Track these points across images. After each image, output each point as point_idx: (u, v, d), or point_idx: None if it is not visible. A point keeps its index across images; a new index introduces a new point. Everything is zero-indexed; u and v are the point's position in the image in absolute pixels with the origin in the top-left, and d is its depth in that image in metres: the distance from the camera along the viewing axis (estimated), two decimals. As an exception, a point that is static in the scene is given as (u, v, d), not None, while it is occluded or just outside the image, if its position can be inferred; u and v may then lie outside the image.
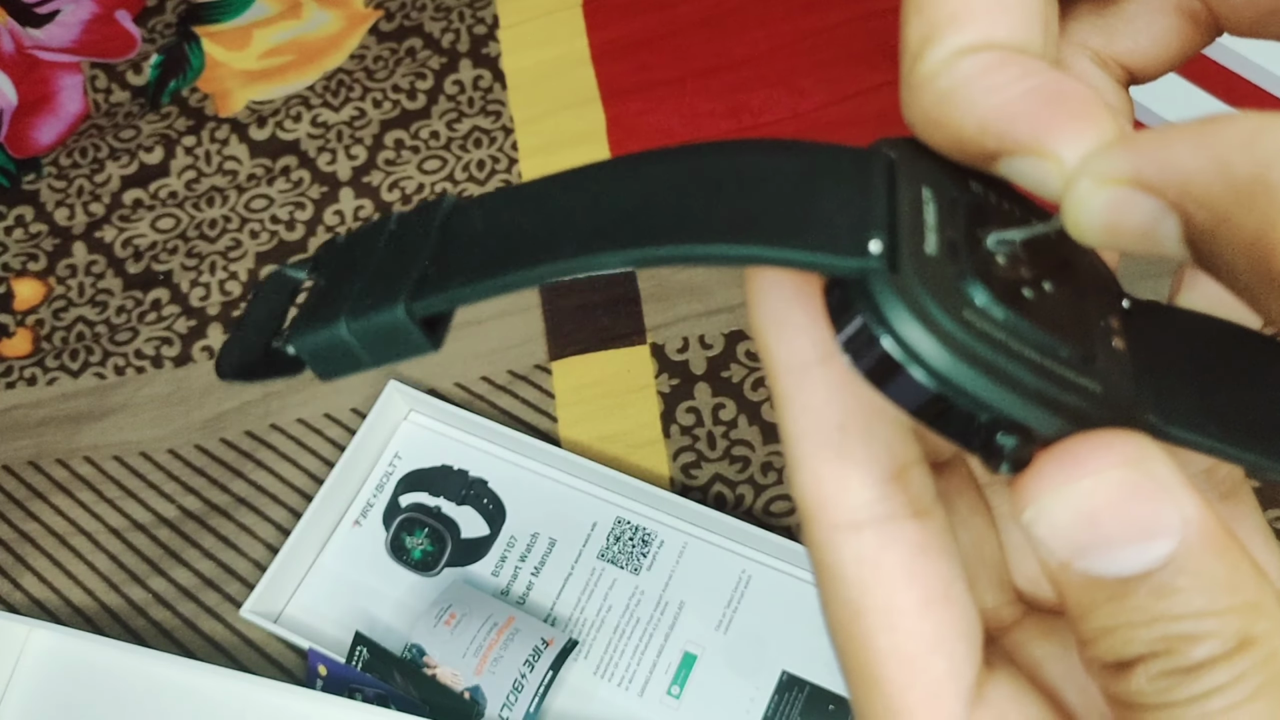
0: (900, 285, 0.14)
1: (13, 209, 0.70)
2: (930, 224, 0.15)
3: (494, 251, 0.16)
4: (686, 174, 0.16)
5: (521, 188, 0.17)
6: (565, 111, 0.67)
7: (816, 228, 0.15)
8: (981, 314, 0.15)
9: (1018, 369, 0.14)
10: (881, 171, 0.16)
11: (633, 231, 0.15)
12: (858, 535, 0.16)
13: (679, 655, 0.49)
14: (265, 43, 0.74)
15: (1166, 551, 0.14)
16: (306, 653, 0.50)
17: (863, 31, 0.67)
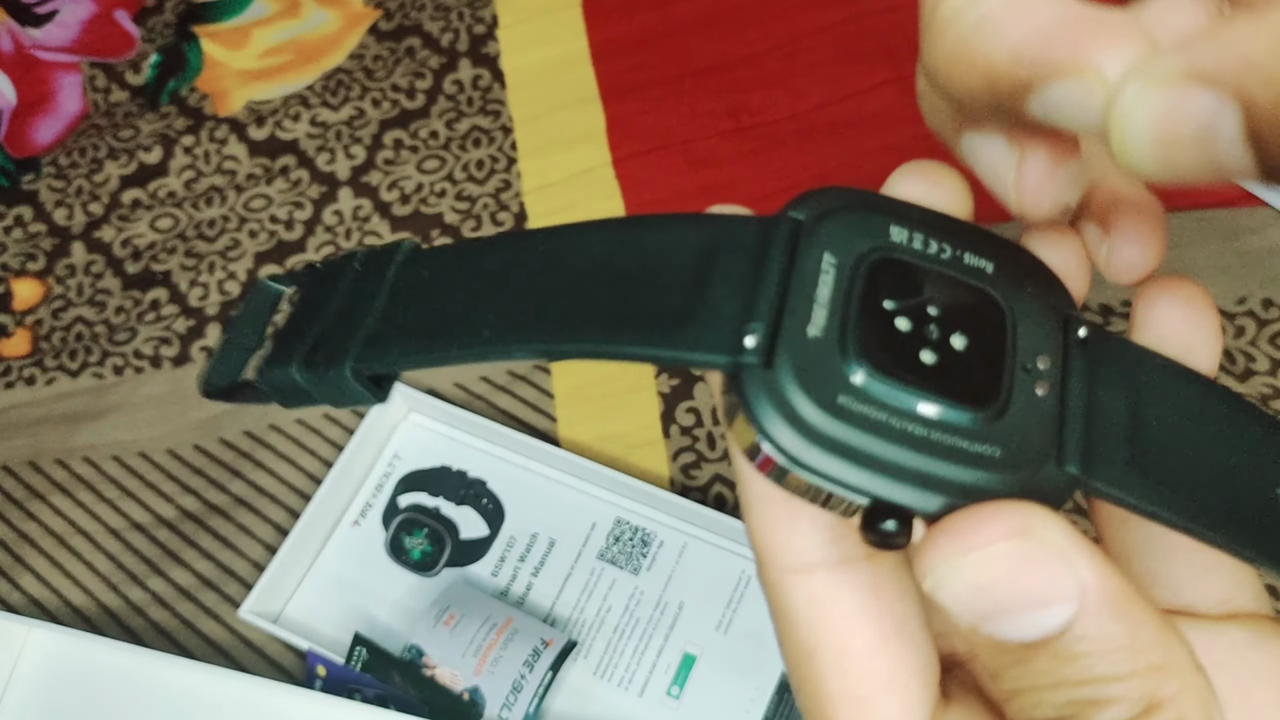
0: (770, 380, 0.14)
1: (11, 209, 0.70)
2: (822, 299, 0.15)
3: (428, 325, 0.17)
4: (596, 258, 0.16)
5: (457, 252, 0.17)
6: (565, 111, 0.67)
7: (699, 322, 0.15)
8: (860, 395, 0.14)
9: (895, 451, 0.14)
10: (783, 242, 0.16)
11: (534, 327, 0.16)
12: (809, 577, 0.16)
13: (679, 656, 0.49)
14: (264, 42, 0.74)
15: (1065, 617, 0.14)
16: (305, 653, 0.50)
17: (861, 31, 0.67)
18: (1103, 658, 0.14)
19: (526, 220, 0.63)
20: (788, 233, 0.16)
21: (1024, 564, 0.14)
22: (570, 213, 0.63)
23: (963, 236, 0.16)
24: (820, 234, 0.16)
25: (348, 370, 0.17)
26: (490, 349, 0.16)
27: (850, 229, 0.16)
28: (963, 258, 0.16)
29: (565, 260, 0.16)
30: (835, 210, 0.16)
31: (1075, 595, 0.14)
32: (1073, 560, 0.14)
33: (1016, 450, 0.15)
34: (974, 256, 0.16)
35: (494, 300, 0.16)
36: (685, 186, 0.63)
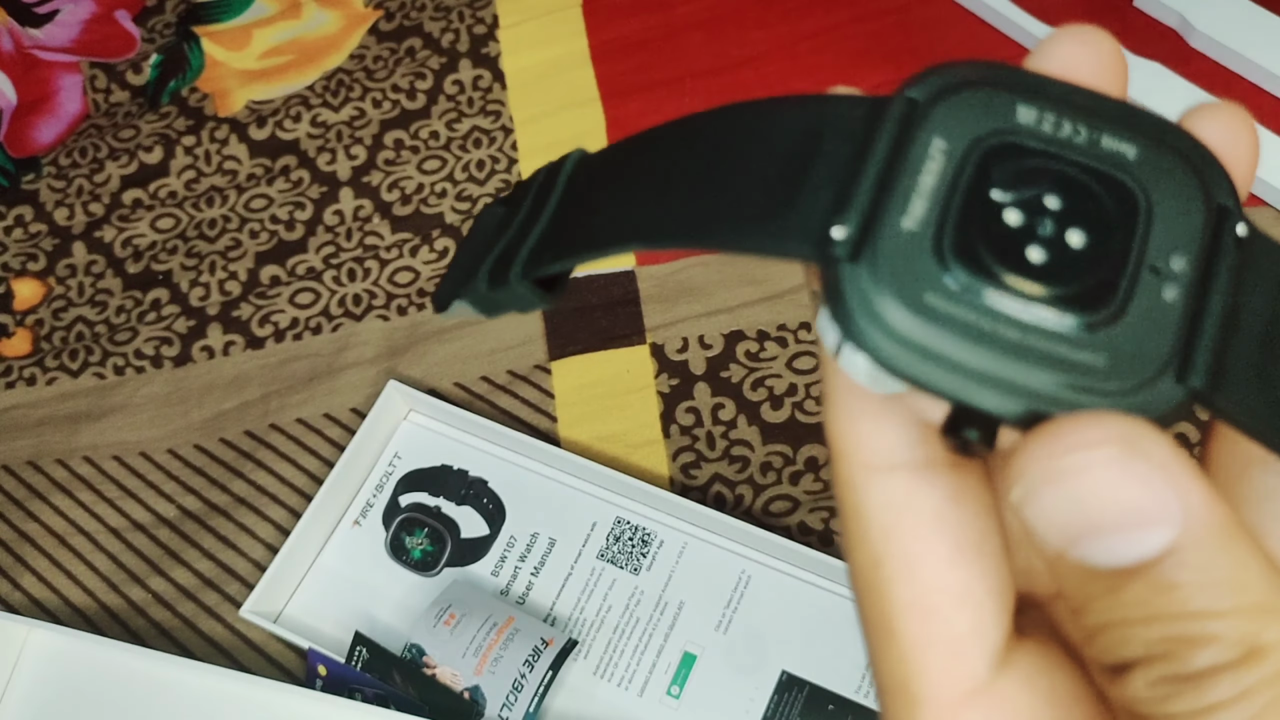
0: (855, 275, 0.14)
1: (12, 209, 0.70)
2: (924, 188, 0.14)
3: (568, 229, 0.17)
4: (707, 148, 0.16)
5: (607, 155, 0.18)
6: (565, 112, 0.67)
7: (791, 213, 0.14)
8: (950, 294, 0.14)
9: (981, 354, 0.13)
10: (893, 125, 0.15)
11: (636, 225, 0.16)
12: (889, 477, 0.15)
13: (678, 655, 0.49)
14: (265, 42, 0.74)
15: (1165, 541, 0.13)
16: (306, 653, 0.50)
17: (861, 33, 0.67)
18: (1203, 590, 0.13)
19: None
20: (899, 114, 0.15)
21: (1124, 477, 0.13)
22: (570, 213, 0.63)
23: (1105, 115, 0.15)
24: (934, 116, 0.15)
25: (514, 279, 0.18)
26: (604, 249, 0.16)
27: (969, 110, 0.15)
28: (1100, 141, 0.15)
29: (679, 153, 0.16)
30: (956, 88, 0.15)
31: (1178, 518, 0.13)
32: (1178, 479, 0.13)
33: (1126, 360, 0.14)
34: (1114, 139, 0.15)
35: (616, 197, 0.17)
36: (685, 187, 0.63)
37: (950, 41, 0.66)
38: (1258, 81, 0.61)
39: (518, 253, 0.18)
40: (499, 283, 0.18)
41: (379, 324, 0.61)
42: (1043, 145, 0.14)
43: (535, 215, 0.18)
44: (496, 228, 0.19)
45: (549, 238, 0.18)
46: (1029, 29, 0.64)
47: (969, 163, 0.14)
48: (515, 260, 0.18)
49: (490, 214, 0.20)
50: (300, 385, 0.60)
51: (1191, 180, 0.15)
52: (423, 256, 0.63)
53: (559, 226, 0.18)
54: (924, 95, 0.15)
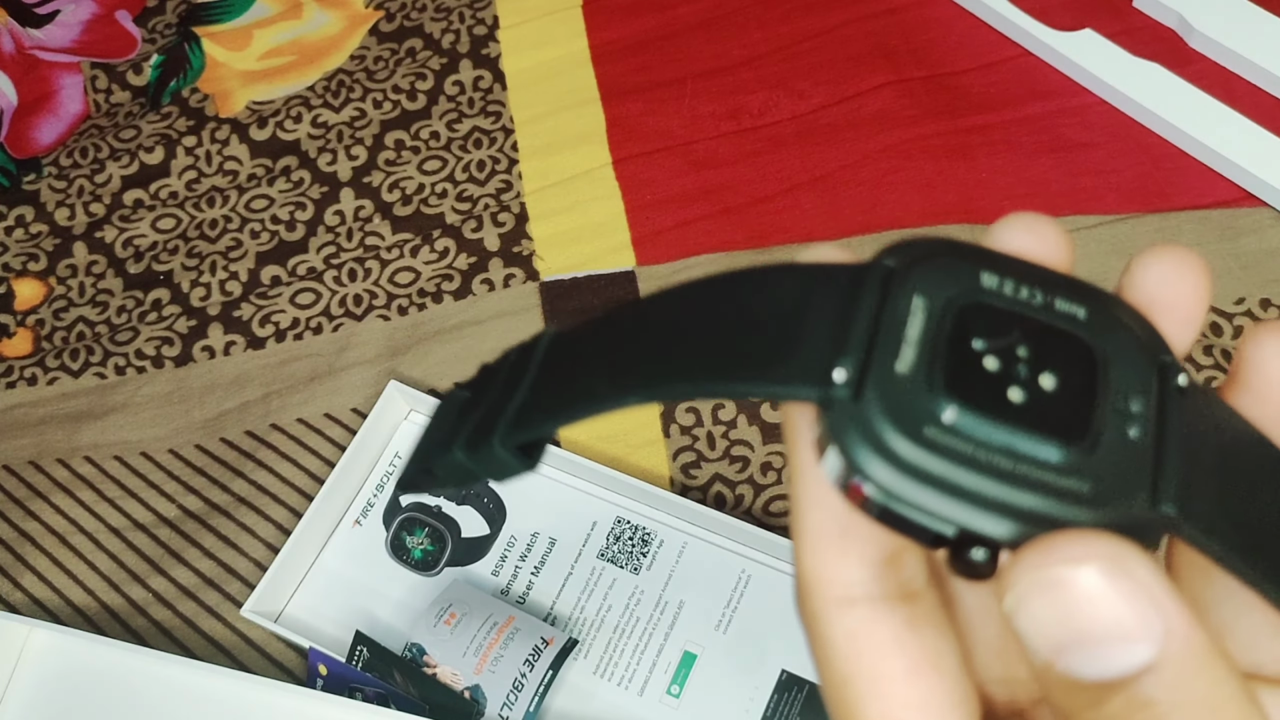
0: (858, 412, 0.15)
1: (13, 209, 0.70)
2: (911, 337, 0.16)
3: (558, 393, 0.19)
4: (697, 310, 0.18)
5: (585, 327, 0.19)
6: (565, 112, 0.67)
7: (791, 359, 0.16)
8: (947, 429, 0.15)
9: (982, 482, 0.15)
10: (874, 285, 0.16)
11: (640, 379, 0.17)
12: (851, 609, 0.17)
13: (679, 654, 0.49)
14: (266, 43, 0.74)
15: (1146, 657, 0.14)
16: (307, 652, 0.50)
17: (861, 33, 0.67)
18: (1179, 709, 0.14)
19: (528, 222, 0.63)
20: (879, 277, 0.16)
21: (1110, 592, 0.14)
22: (571, 214, 0.63)
23: (1056, 284, 0.17)
24: (911, 278, 0.16)
25: (495, 443, 0.19)
26: (606, 403, 0.18)
27: (941, 274, 0.16)
28: (1054, 304, 0.17)
29: (669, 317, 0.18)
30: (927, 257, 0.17)
31: (1159, 637, 0.14)
32: (1160, 601, 0.14)
33: (1107, 487, 0.15)
34: (1066, 303, 0.17)
35: (611, 361, 0.18)
36: (686, 188, 0.63)
37: (950, 42, 0.66)
38: (1257, 82, 0.62)
39: (497, 421, 0.19)
40: (477, 449, 0.19)
41: (380, 324, 0.61)
42: (1007, 305, 0.16)
43: (511, 388, 0.19)
44: (463, 410, 0.20)
45: (533, 403, 0.19)
46: (1028, 29, 0.64)
47: (948, 316, 0.16)
48: (496, 427, 0.19)
49: (454, 399, 0.21)
50: (301, 385, 0.60)
51: (1135, 338, 0.17)
52: (423, 257, 0.63)
53: (544, 392, 0.19)
54: (899, 263, 0.17)
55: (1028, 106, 0.63)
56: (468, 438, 0.19)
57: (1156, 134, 0.61)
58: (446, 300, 0.61)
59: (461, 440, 0.19)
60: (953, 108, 0.63)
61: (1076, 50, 0.63)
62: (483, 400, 0.20)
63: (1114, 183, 0.59)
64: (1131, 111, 0.61)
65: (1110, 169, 0.60)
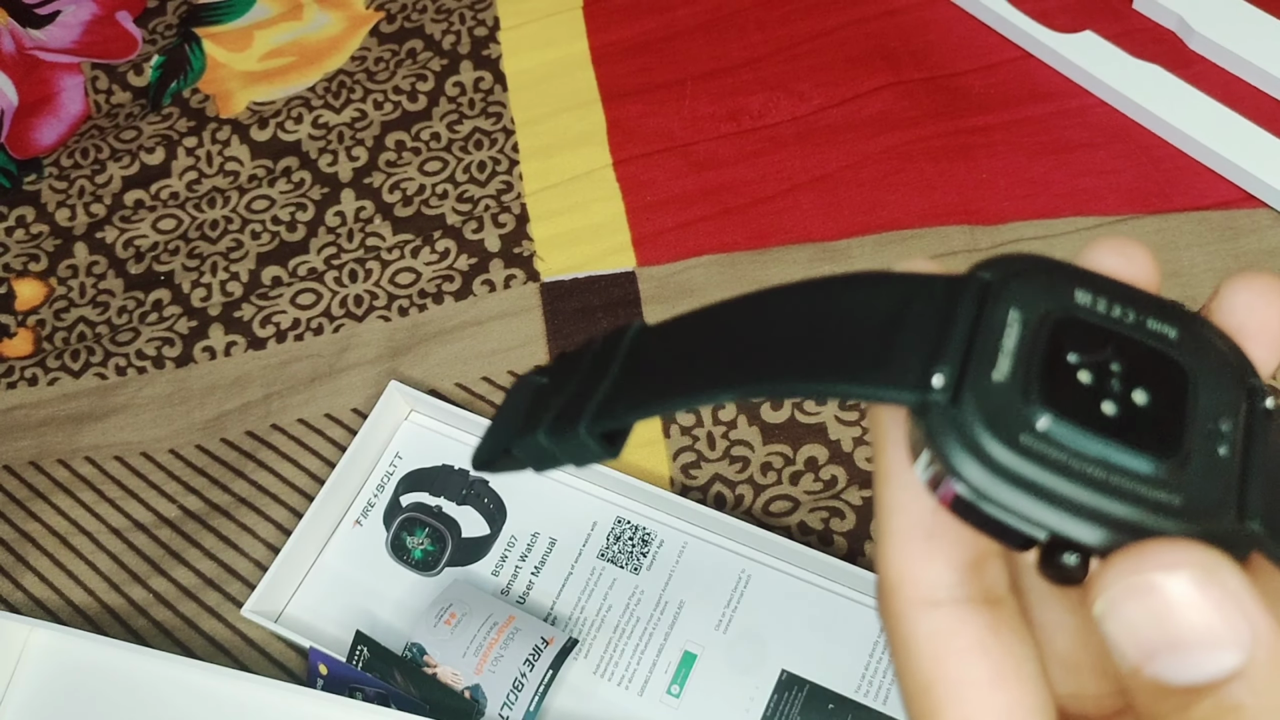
0: (956, 417, 0.15)
1: (14, 210, 0.70)
2: (1007, 348, 0.16)
3: (650, 384, 0.19)
4: (795, 312, 0.18)
5: (678, 323, 0.20)
6: (566, 113, 0.67)
7: (890, 363, 0.16)
8: (1043, 437, 0.15)
9: (1076, 489, 0.15)
10: (972, 298, 0.17)
11: (739, 374, 0.18)
12: (935, 612, 0.17)
13: (679, 654, 0.49)
14: (266, 44, 0.74)
15: (1234, 663, 0.14)
16: (307, 652, 0.50)
17: (861, 35, 0.67)
18: (1265, 713, 0.14)
19: (529, 223, 0.63)
20: (976, 289, 0.17)
21: (1201, 600, 0.14)
22: (572, 215, 0.63)
23: (1147, 305, 0.17)
24: (1008, 292, 0.17)
25: (582, 430, 0.19)
26: (699, 397, 0.18)
27: (1037, 289, 0.17)
28: (1145, 323, 0.17)
29: (764, 317, 0.18)
30: (1023, 273, 0.17)
31: (1247, 644, 0.14)
32: (1248, 610, 0.14)
33: (1197, 501, 0.15)
34: (1157, 322, 0.17)
35: (705, 356, 0.18)
36: (686, 189, 0.63)
37: (950, 43, 0.66)
38: (1257, 84, 0.62)
39: (583, 408, 0.19)
40: (563, 435, 0.19)
41: (380, 324, 0.61)
42: (1101, 322, 0.17)
43: (597, 377, 0.20)
44: (539, 394, 0.21)
45: (621, 393, 0.19)
46: (1028, 31, 0.64)
47: (1043, 329, 0.16)
48: (582, 415, 0.19)
49: (528, 384, 0.21)
50: (302, 385, 0.60)
51: (1224, 360, 0.17)
52: (424, 257, 0.63)
53: (632, 383, 0.19)
54: (995, 277, 0.17)
55: (1028, 108, 0.63)
56: (552, 423, 0.19)
57: (1157, 135, 0.61)
58: (447, 301, 0.61)
59: (546, 425, 0.20)
60: (953, 109, 0.63)
61: (1077, 52, 0.63)
62: (562, 386, 0.20)
63: (1114, 184, 0.60)
64: (1132, 113, 0.61)
65: (1110, 170, 0.60)
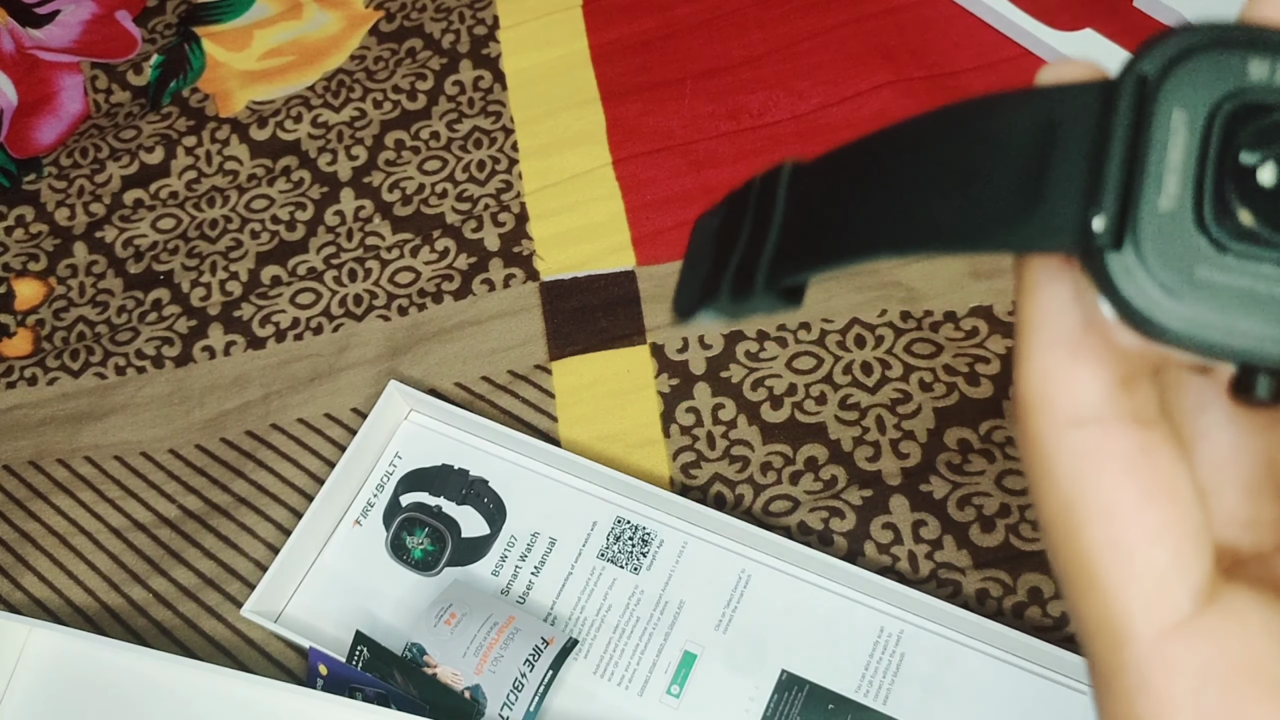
0: (1123, 263, 0.14)
1: (13, 209, 0.70)
2: (1173, 163, 0.15)
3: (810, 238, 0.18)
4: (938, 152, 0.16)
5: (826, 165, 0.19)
6: (565, 112, 0.67)
7: (1044, 208, 0.15)
8: (1220, 265, 0.14)
9: (1264, 313, 0.14)
10: (1128, 104, 0.15)
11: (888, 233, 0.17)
12: (1080, 430, 0.16)
13: (679, 654, 0.49)
14: (266, 43, 0.74)
15: None
16: (307, 652, 0.50)
17: (861, 33, 0.67)
18: None
19: (528, 222, 0.63)
20: (1132, 93, 0.15)
21: None
22: (571, 214, 0.63)
23: None
24: (1168, 88, 0.15)
25: (759, 290, 0.19)
26: (859, 257, 0.17)
27: (1202, 76, 0.15)
28: None
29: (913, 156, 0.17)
30: (1184, 56, 0.15)
31: None
32: None
33: None
34: None
35: (858, 203, 0.17)
36: (686, 188, 0.63)
37: (949, 42, 0.66)
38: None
39: (757, 263, 0.19)
40: (744, 294, 0.19)
41: (380, 324, 0.61)
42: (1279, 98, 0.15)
43: (763, 226, 0.19)
44: (715, 237, 0.20)
45: (787, 248, 0.19)
46: (1029, 29, 0.64)
47: (1213, 130, 0.15)
48: (757, 271, 0.19)
49: (705, 225, 0.21)
50: (301, 385, 0.60)
51: None
52: (424, 257, 0.63)
53: (795, 236, 0.19)
54: (1154, 69, 0.15)
55: (1027, 106, 0.63)
56: (733, 282, 0.19)
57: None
58: (446, 300, 0.61)
59: (727, 284, 0.19)
60: (952, 108, 0.63)
61: (1077, 50, 0.63)
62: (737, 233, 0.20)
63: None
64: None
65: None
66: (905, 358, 0.56)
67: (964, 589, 0.50)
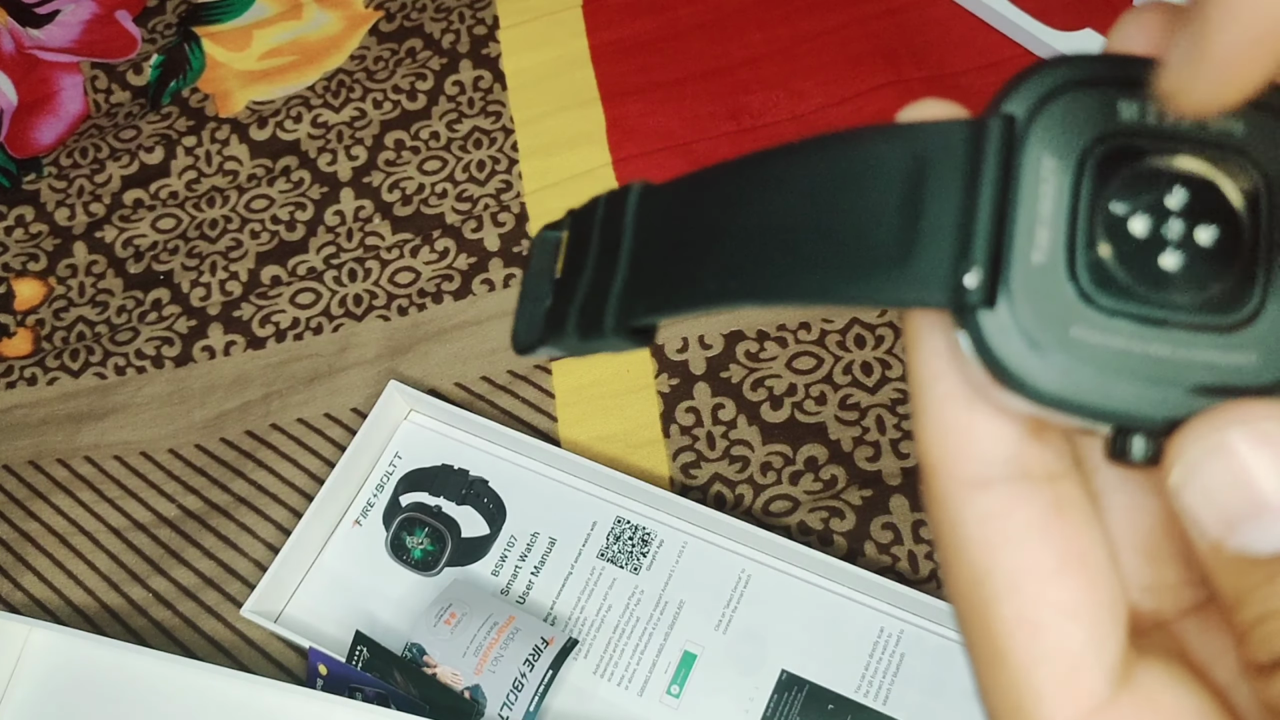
0: (996, 321, 0.14)
1: (13, 209, 0.70)
2: (1044, 215, 0.14)
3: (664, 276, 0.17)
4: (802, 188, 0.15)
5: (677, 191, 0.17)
6: (565, 112, 0.67)
7: (914, 260, 0.14)
8: (1095, 323, 0.14)
9: (1139, 373, 0.13)
10: (996, 148, 0.14)
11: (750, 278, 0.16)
12: (985, 492, 0.15)
13: (678, 654, 0.49)
14: (266, 43, 0.74)
15: None
16: (307, 652, 0.50)
17: (861, 34, 0.67)
18: None
19: (528, 222, 0.63)
20: (1001, 135, 0.14)
21: None
22: (571, 214, 0.63)
23: None
24: (1037, 132, 0.14)
25: (609, 331, 0.18)
26: (717, 302, 0.16)
27: (1071, 118, 0.14)
28: (1205, 121, 0.14)
29: (773, 194, 0.16)
30: (1052, 95, 0.14)
31: None
32: None
33: (1275, 352, 0.14)
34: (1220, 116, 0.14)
35: (712, 245, 0.16)
36: (685, 188, 0.63)
37: (950, 42, 0.66)
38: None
39: (605, 302, 0.18)
40: (592, 334, 0.18)
41: (380, 324, 0.61)
42: (1152, 140, 0.14)
43: (609, 254, 0.18)
44: (563, 260, 0.19)
45: (638, 288, 0.17)
46: (1029, 29, 0.64)
47: (1083, 178, 0.14)
48: (605, 311, 0.18)
49: (546, 242, 0.20)
50: (301, 385, 0.60)
51: None
52: (423, 257, 0.63)
53: (644, 274, 0.17)
54: (1021, 110, 0.14)
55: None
56: (579, 320, 0.18)
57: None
58: (446, 300, 0.61)
59: (574, 327, 0.18)
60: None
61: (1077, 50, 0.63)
62: (582, 259, 0.19)
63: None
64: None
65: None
66: (905, 358, 0.56)
67: (964, 589, 0.50)
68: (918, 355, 0.15)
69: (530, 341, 0.20)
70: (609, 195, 0.19)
